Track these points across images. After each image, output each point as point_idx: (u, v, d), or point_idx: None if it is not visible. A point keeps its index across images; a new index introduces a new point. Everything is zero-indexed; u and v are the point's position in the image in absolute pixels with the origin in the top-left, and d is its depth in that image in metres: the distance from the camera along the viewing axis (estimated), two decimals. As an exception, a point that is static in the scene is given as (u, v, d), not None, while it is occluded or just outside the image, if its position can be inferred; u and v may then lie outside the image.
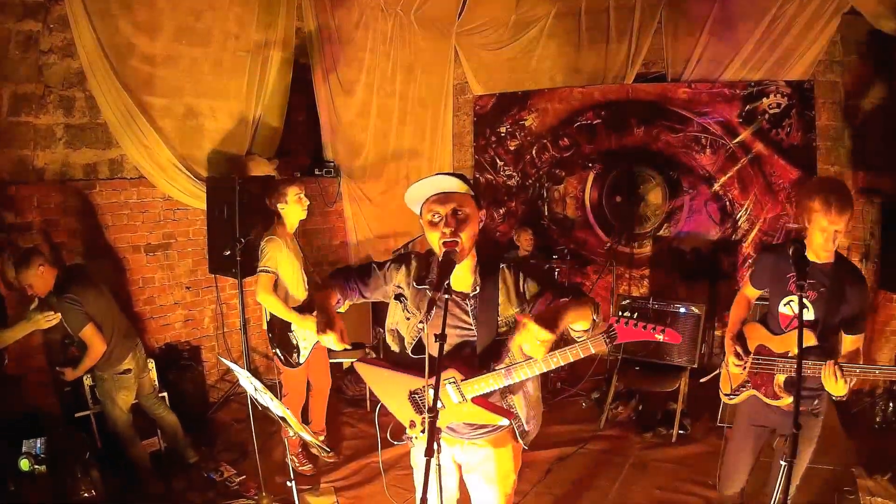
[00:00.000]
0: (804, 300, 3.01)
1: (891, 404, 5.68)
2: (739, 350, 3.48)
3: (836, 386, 2.93)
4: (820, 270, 3.16)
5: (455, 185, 2.56)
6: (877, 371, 3.18)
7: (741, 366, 3.46)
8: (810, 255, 3.11)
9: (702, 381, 4.36)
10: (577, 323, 2.47)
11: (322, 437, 5.20)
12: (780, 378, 3.27)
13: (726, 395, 3.66)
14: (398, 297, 2.80)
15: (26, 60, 4.79)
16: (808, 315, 3.16)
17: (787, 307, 3.30)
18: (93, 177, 5.40)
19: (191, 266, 6.25)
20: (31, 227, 4.97)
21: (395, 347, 2.86)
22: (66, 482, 4.28)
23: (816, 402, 3.29)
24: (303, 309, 4.73)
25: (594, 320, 2.49)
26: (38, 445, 4.24)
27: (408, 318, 2.75)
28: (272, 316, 4.81)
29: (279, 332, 4.88)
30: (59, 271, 4.45)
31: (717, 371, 3.79)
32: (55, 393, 5.02)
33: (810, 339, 3.06)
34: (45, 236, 5.04)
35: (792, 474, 2.32)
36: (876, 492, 4.53)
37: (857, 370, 2.95)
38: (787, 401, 3.24)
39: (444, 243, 2.49)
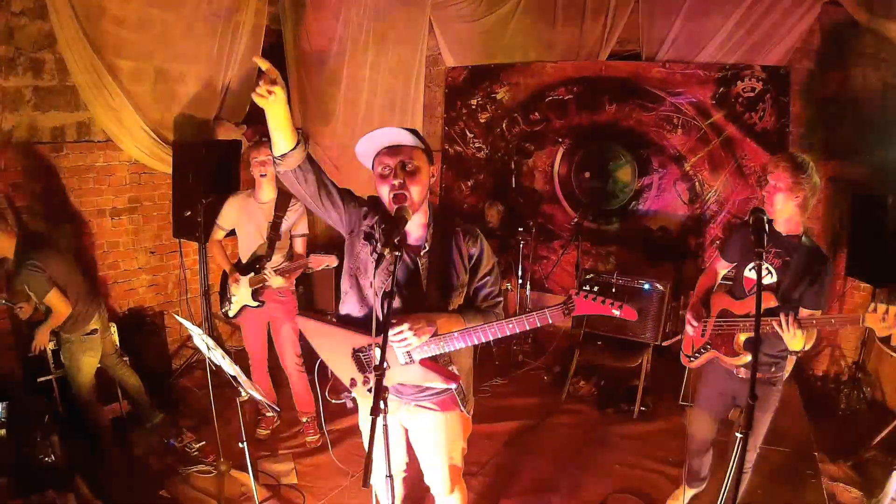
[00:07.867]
0: (768, 266, 3.30)
1: (855, 391, 5.77)
2: (697, 313, 3.70)
3: (794, 339, 3.07)
4: (788, 242, 3.31)
5: (404, 137, 2.56)
6: (833, 321, 3.22)
7: (697, 328, 3.68)
8: (779, 228, 3.33)
9: (664, 343, 5.01)
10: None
11: (306, 419, 5.17)
12: (741, 337, 3.44)
13: (687, 356, 3.87)
14: (369, 237, 2.70)
15: (-4, 22, 4.72)
16: (771, 279, 3.33)
17: (752, 272, 3.46)
18: (60, 140, 5.34)
19: (156, 231, 6.22)
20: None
21: (351, 299, 2.79)
22: (26, 446, 4.29)
23: (774, 369, 3.48)
24: (241, 268, 4.83)
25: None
26: (-1, 410, 4.23)
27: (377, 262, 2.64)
28: None
29: (224, 279, 5.01)
30: (20, 238, 4.42)
31: (680, 336, 4.12)
32: (17, 357, 5.00)
33: (771, 301, 3.23)
34: (8, 200, 4.97)
35: (748, 445, 2.30)
36: (838, 477, 4.65)
37: (813, 321, 3.09)
38: (745, 359, 3.44)
39: (394, 196, 2.50)
